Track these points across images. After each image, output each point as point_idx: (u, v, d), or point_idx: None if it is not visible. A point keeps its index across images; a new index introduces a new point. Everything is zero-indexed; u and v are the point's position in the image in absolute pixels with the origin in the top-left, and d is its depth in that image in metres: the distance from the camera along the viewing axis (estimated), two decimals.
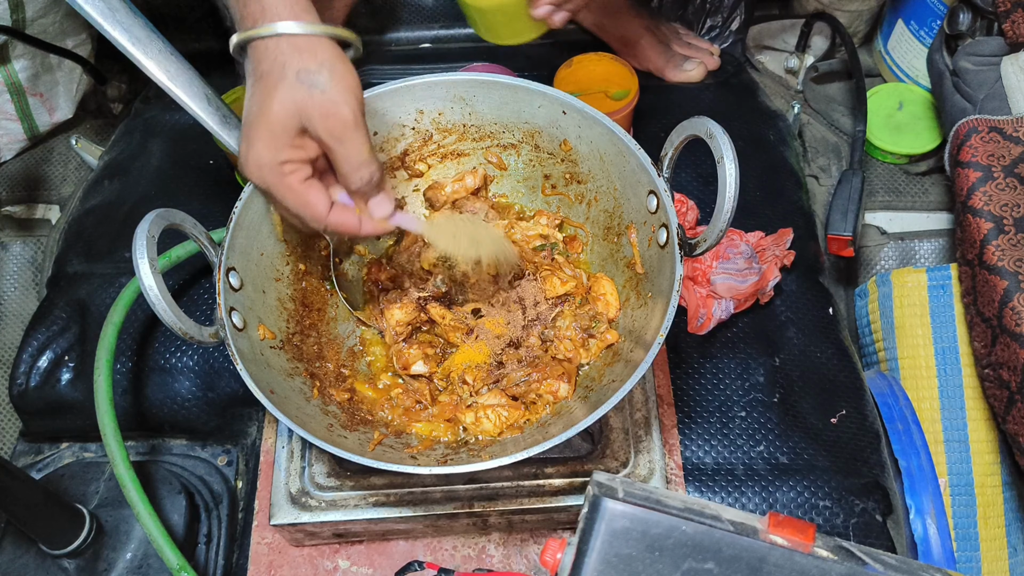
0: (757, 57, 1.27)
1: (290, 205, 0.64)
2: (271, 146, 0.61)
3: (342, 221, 0.66)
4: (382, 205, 0.68)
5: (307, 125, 0.61)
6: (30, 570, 0.77)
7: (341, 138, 0.61)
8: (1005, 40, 0.96)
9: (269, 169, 0.62)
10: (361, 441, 0.70)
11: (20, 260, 1.17)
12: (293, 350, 0.76)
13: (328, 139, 0.61)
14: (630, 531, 0.47)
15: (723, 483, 0.84)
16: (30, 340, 0.93)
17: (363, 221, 0.67)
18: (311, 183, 0.64)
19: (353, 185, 0.65)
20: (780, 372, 0.90)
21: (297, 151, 0.62)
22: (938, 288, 1.00)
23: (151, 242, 0.62)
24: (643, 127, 1.08)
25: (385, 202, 0.68)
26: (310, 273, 0.81)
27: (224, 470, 0.90)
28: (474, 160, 0.86)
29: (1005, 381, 0.85)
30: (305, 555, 0.81)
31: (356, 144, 0.62)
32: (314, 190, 0.64)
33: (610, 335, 0.77)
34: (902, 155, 1.17)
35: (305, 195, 0.63)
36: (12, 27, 1.04)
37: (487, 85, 0.79)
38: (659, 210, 0.71)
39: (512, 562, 0.80)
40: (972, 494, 0.94)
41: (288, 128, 0.61)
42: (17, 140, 1.20)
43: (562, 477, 0.76)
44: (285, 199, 0.64)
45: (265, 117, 0.61)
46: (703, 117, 0.65)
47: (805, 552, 0.47)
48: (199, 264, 0.96)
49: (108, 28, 0.64)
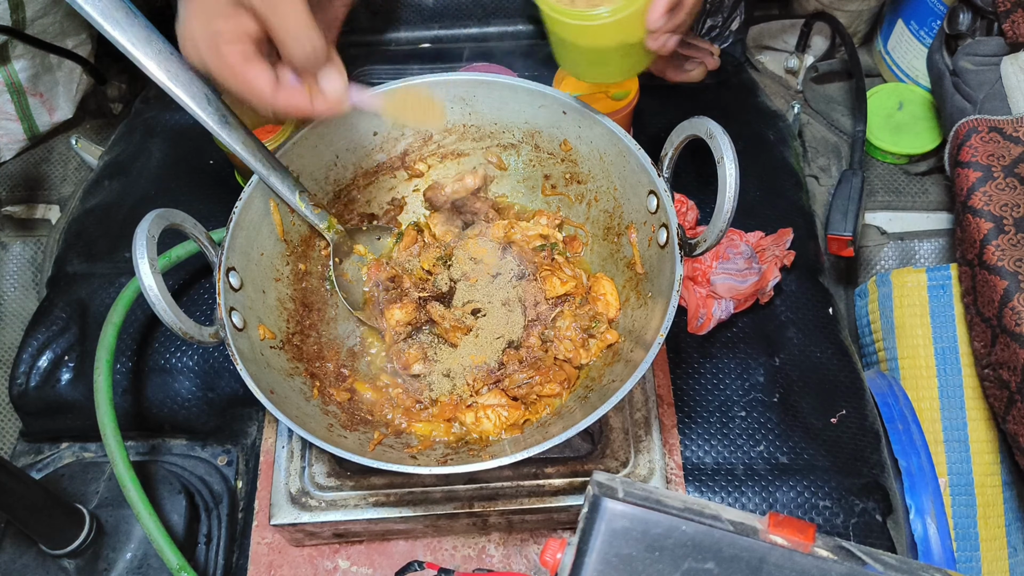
0: (757, 57, 1.27)
1: (231, 86, 0.59)
2: (202, 17, 0.57)
3: (291, 101, 0.61)
4: (332, 79, 0.62)
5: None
6: (30, 570, 0.77)
7: (273, 3, 0.57)
8: (1005, 40, 0.96)
9: (204, 42, 0.58)
10: (361, 441, 0.70)
11: (20, 260, 1.17)
12: (293, 350, 0.76)
13: (260, 6, 0.57)
14: (630, 531, 0.47)
15: (723, 483, 0.84)
16: (30, 340, 0.93)
17: (315, 100, 0.62)
18: (251, 60, 0.59)
19: (296, 58, 0.60)
20: (780, 372, 0.90)
21: (231, 22, 0.58)
22: (938, 288, 1.00)
23: (151, 242, 0.62)
24: (643, 127, 1.08)
25: (336, 76, 0.63)
26: (310, 273, 0.81)
27: (224, 470, 0.90)
28: (474, 160, 0.86)
29: (1005, 381, 0.85)
30: (305, 555, 0.81)
31: (289, 10, 0.58)
32: (255, 67, 0.59)
33: (610, 335, 0.77)
34: (902, 155, 1.17)
35: (245, 72, 0.59)
36: (12, 27, 1.04)
37: (487, 85, 0.79)
38: (659, 210, 0.71)
39: (512, 562, 0.80)
40: (972, 494, 0.94)
41: (220, 2, 0.57)
42: (17, 140, 1.20)
43: (562, 477, 0.76)
44: (225, 79, 0.59)
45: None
46: (703, 117, 0.65)
47: (805, 552, 0.47)
48: (199, 264, 0.96)
49: (108, 28, 0.64)
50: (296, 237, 0.80)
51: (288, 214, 0.78)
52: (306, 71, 0.62)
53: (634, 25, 0.69)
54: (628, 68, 0.76)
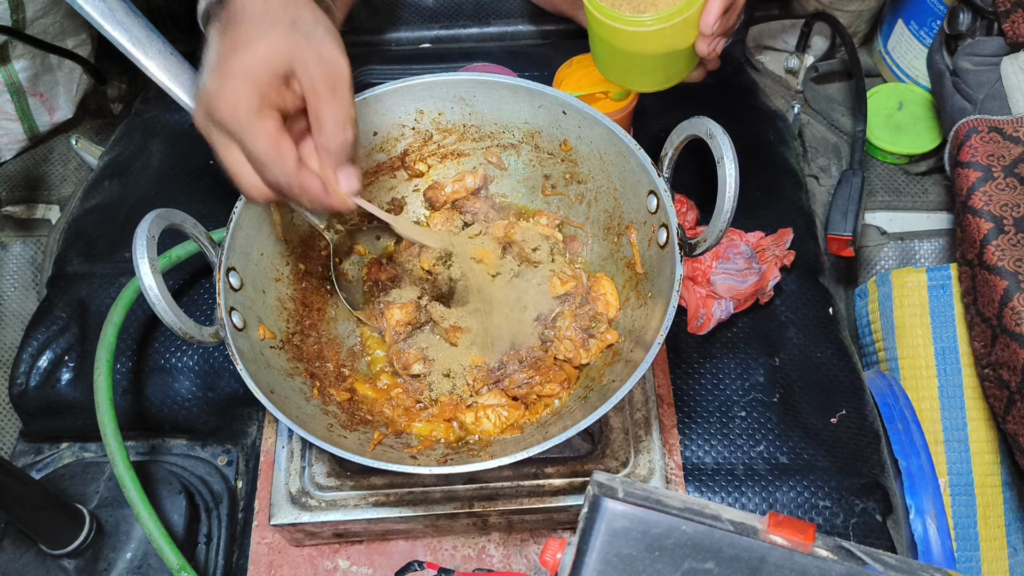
0: (757, 57, 1.27)
1: (259, 150, 0.59)
2: (253, 85, 0.57)
3: (309, 183, 0.61)
4: (351, 178, 0.63)
5: (299, 72, 0.58)
6: (30, 570, 0.77)
7: (335, 88, 0.58)
8: (1005, 40, 0.96)
9: (246, 107, 0.57)
10: (361, 441, 0.70)
11: (20, 260, 1.17)
12: (293, 350, 0.76)
13: (321, 88, 0.58)
14: (630, 531, 0.47)
15: (723, 483, 0.84)
16: (30, 340, 0.93)
17: (329, 191, 0.63)
18: (284, 132, 0.60)
19: (333, 145, 0.60)
20: (780, 372, 0.90)
21: (277, 95, 0.59)
22: (938, 288, 1.00)
23: (151, 242, 0.62)
24: (643, 127, 1.08)
25: (355, 176, 0.64)
26: (310, 273, 0.81)
27: (224, 470, 0.90)
28: (474, 160, 0.86)
29: (1005, 381, 0.85)
30: (305, 555, 0.81)
31: (346, 99, 0.59)
32: (287, 141, 0.60)
33: (610, 335, 0.77)
34: (902, 155, 1.17)
35: (280, 142, 0.59)
36: (12, 27, 1.04)
37: (487, 85, 0.79)
38: (659, 210, 0.71)
39: (512, 562, 0.80)
40: (972, 494, 0.94)
41: (274, 70, 0.57)
42: (17, 140, 1.20)
43: (562, 477, 0.76)
44: (256, 143, 0.59)
45: (248, 57, 0.56)
46: (703, 117, 0.65)
47: (805, 552, 0.47)
48: (199, 264, 0.96)
49: (108, 28, 0.64)
50: (296, 237, 0.80)
51: (288, 214, 0.78)
52: (330, 162, 0.62)
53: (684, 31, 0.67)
54: (672, 75, 0.74)
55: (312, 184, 0.61)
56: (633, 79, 0.75)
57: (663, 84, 0.75)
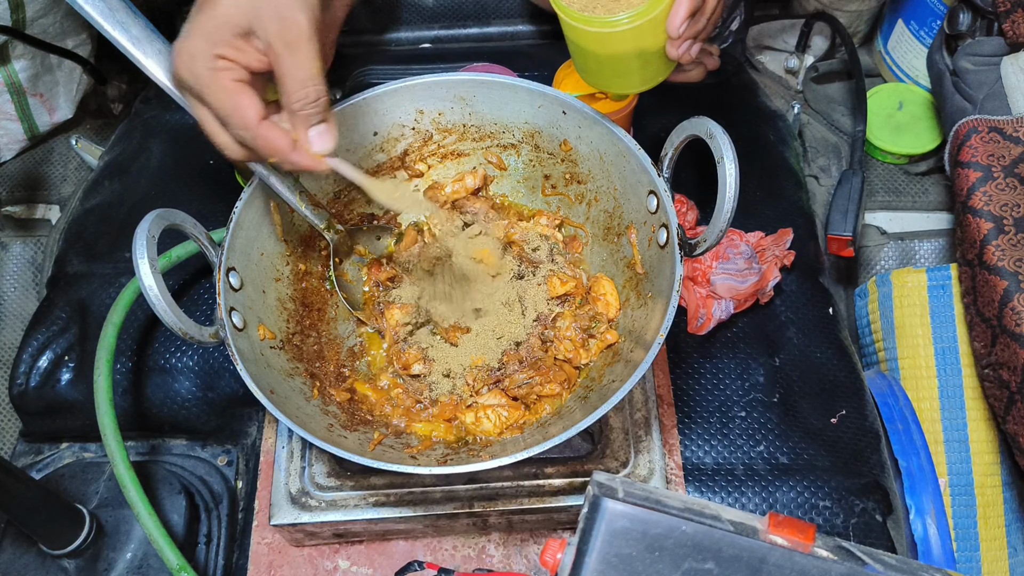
0: (757, 57, 1.27)
1: (217, 105, 0.59)
2: (208, 38, 0.57)
3: (272, 137, 0.60)
4: (324, 138, 0.62)
5: (256, 27, 0.57)
6: (30, 570, 0.77)
7: (292, 45, 0.57)
8: (1005, 40, 0.96)
9: (202, 60, 0.57)
10: (361, 441, 0.70)
11: (20, 260, 1.17)
12: (293, 350, 0.76)
13: (278, 44, 0.57)
14: (630, 531, 0.47)
15: (723, 483, 0.84)
16: (30, 340, 0.93)
17: (297, 149, 0.62)
18: (244, 86, 0.59)
19: (295, 103, 0.59)
20: (780, 372, 0.90)
21: (235, 51, 0.58)
22: (938, 288, 1.00)
23: (151, 242, 0.62)
24: (643, 127, 1.08)
25: (328, 135, 0.62)
26: (310, 273, 0.81)
27: (224, 470, 0.90)
28: (474, 160, 0.86)
29: (1005, 381, 0.85)
30: (305, 555, 0.81)
31: (305, 56, 0.58)
32: (247, 94, 0.59)
33: (610, 335, 0.77)
34: (902, 155, 1.17)
35: (236, 95, 0.58)
36: (12, 27, 1.04)
37: (487, 85, 0.79)
38: (659, 210, 0.71)
39: (512, 562, 0.80)
40: (972, 494, 0.94)
41: (232, 23, 0.57)
42: (17, 140, 1.20)
43: (562, 477, 0.76)
44: (213, 97, 0.59)
45: (209, 11, 0.56)
46: (703, 117, 0.65)
47: (805, 552, 0.47)
48: (199, 264, 0.96)
49: (108, 28, 0.64)
50: (296, 237, 0.80)
51: (288, 214, 0.78)
52: (299, 121, 0.61)
53: (653, 32, 0.67)
54: (648, 77, 0.74)
55: (276, 139, 0.61)
56: (608, 81, 0.75)
57: (640, 87, 0.75)
